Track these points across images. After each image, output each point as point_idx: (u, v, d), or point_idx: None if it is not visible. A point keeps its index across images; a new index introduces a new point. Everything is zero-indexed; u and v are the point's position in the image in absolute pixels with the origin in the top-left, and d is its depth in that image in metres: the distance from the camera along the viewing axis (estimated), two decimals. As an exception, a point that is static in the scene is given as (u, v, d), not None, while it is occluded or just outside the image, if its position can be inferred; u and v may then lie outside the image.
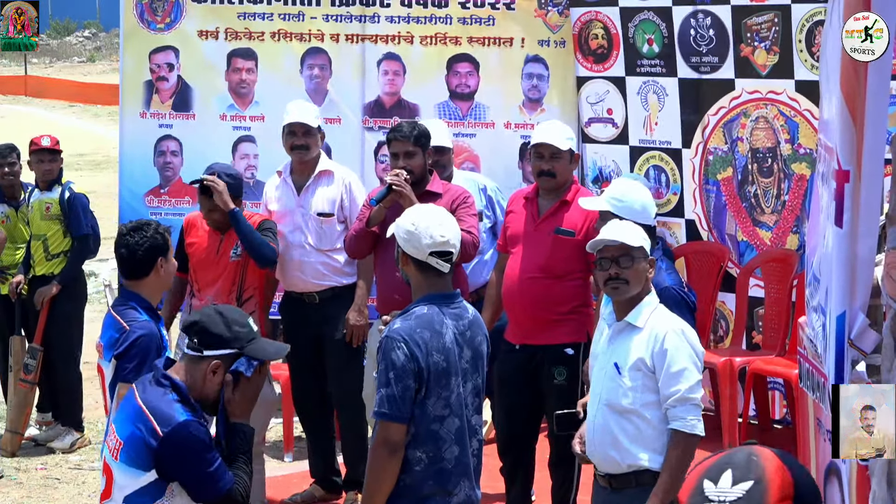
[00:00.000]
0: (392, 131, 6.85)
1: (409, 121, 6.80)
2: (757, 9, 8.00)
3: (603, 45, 8.81)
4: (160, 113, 9.21)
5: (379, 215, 6.67)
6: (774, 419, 8.34)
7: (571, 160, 6.85)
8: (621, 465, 4.88)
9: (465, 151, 9.01)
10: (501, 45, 9.01)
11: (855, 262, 4.34)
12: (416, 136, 6.75)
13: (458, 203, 6.64)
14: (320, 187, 7.40)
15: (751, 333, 8.35)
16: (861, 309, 4.37)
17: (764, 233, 8.24)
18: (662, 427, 4.83)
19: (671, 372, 4.80)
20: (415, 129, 6.78)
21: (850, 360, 4.39)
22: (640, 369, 4.83)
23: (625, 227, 5.00)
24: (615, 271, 4.87)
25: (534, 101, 9.01)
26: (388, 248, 6.00)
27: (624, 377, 4.84)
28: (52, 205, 8.95)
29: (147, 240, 5.35)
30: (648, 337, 4.83)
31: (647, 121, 8.72)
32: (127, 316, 5.29)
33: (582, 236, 6.63)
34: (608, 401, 4.87)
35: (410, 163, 6.73)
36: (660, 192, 8.71)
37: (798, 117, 7.94)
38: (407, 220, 4.69)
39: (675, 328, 4.86)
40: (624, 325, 4.91)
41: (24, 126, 24.61)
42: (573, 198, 6.71)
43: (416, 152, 6.76)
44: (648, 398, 4.83)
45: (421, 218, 4.68)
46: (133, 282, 5.39)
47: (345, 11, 9.08)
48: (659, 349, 4.81)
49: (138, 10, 9.19)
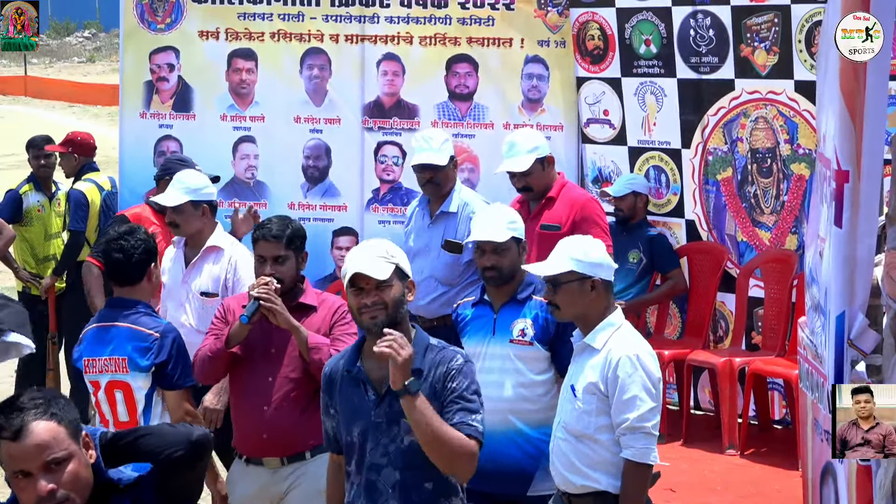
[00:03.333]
0: (259, 229, 5.51)
1: (281, 217, 5.53)
2: (757, 9, 8.01)
3: (599, 46, 8.81)
4: (160, 113, 9.22)
5: (241, 333, 5.38)
6: (774, 419, 8.34)
7: (544, 167, 6.90)
8: (576, 485, 4.78)
9: (465, 152, 9.02)
10: (501, 46, 9.01)
11: (854, 263, 4.34)
12: (288, 236, 5.44)
13: (337, 319, 5.48)
14: (207, 264, 6.48)
15: (750, 334, 8.35)
16: (861, 309, 4.37)
17: (763, 233, 8.25)
18: (617, 450, 4.71)
19: (622, 399, 4.67)
20: (287, 229, 5.45)
21: (850, 361, 4.39)
22: (593, 393, 4.72)
23: (552, 258, 4.88)
24: (548, 297, 4.89)
25: (533, 101, 9.01)
26: (250, 373, 5.39)
27: (578, 400, 4.74)
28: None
29: (141, 243, 5.29)
30: (603, 360, 4.72)
31: (646, 121, 8.72)
32: (146, 323, 5.23)
33: (567, 229, 6.67)
34: (565, 423, 4.80)
35: (280, 269, 5.42)
36: (660, 192, 8.72)
37: (797, 118, 7.94)
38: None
39: (629, 353, 4.72)
40: (584, 346, 4.83)
41: (23, 126, 24.62)
42: (558, 193, 6.80)
43: (288, 256, 5.44)
44: (602, 421, 4.71)
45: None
46: (127, 288, 5.29)
47: (344, 12, 9.09)
48: (612, 374, 4.69)
49: (138, 11, 9.20)
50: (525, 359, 5.28)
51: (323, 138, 9.17)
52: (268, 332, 5.37)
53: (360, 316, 4.19)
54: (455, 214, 6.83)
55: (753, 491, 7.33)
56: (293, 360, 5.35)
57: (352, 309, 4.23)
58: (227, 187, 9.13)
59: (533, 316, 5.30)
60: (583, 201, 6.93)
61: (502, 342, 5.32)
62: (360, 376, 4.26)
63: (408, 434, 4.15)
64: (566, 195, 6.90)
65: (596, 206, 6.99)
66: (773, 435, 8.18)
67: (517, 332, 5.30)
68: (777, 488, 7.28)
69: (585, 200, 6.95)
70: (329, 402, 4.38)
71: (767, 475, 7.53)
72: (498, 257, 5.34)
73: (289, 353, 5.36)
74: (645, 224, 8.59)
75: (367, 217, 9.15)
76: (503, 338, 5.32)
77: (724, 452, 7.88)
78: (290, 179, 9.19)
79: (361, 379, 4.26)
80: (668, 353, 8.27)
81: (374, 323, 4.15)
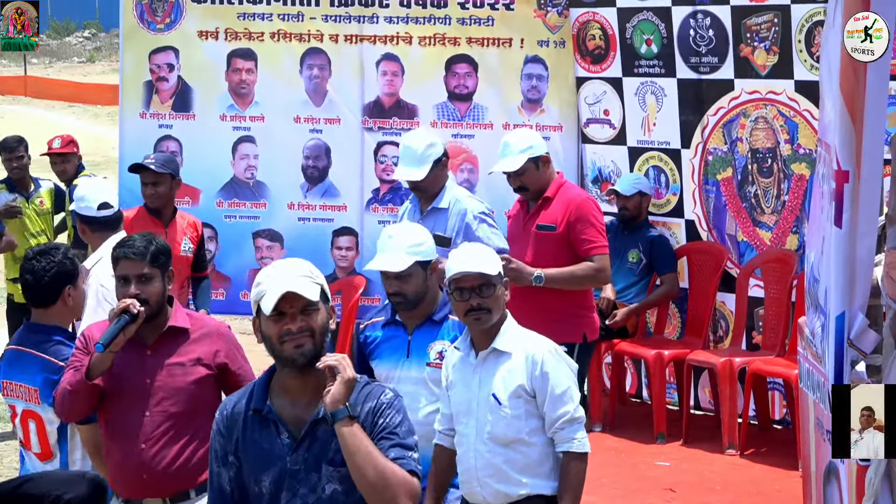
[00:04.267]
0: (119, 247, 4.93)
1: (144, 234, 4.97)
2: (756, 9, 8.00)
3: (600, 45, 8.81)
4: (160, 113, 9.22)
5: (103, 363, 4.76)
6: (774, 419, 8.34)
7: (539, 167, 6.85)
8: (511, 496, 4.65)
9: (464, 152, 9.03)
10: (500, 46, 9.01)
11: (854, 263, 4.34)
12: (152, 253, 4.86)
13: (232, 347, 5.02)
14: None
15: (751, 334, 8.35)
16: (860, 309, 4.37)
17: (764, 233, 8.25)
18: (547, 450, 4.63)
19: (556, 394, 4.59)
20: (151, 245, 4.88)
21: (850, 361, 4.38)
22: (520, 396, 4.61)
23: (480, 254, 4.73)
24: (477, 302, 4.65)
25: (533, 101, 9.02)
26: (123, 408, 4.80)
27: (504, 407, 4.61)
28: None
29: (54, 265, 5.03)
30: (525, 361, 4.62)
31: (646, 121, 8.72)
32: (58, 353, 4.97)
33: (563, 229, 6.67)
34: (492, 434, 4.63)
35: (146, 289, 4.83)
36: (659, 192, 8.72)
37: (797, 118, 7.94)
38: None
39: (549, 348, 4.67)
40: (490, 352, 4.68)
41: (23, 126, 24.61)
42: (555, 193, 6.77)
43: (153, 275, 4.85)
44: (533, 424, 4.62)
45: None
46: (41, 311, 5.07)
47: (344, 12, 9.09)
48: (539, 373, 4.60)
49: (138, 11, 9.20)
50: (440, 382, 4.99)
51: (323, 138, 9.18)
52: (140, 360, 4.81)
53: (281, 345, 3.58)
54: (446, 210, 6.85)
55: (753, 491, 7.33)
56: (172, 392, 4.78)
57: (268, 338, 3.61)
58: (226, 187, 9.13)
59: (451, 338, 5.01)
60: (578, 201, 6.85)
61: (418, 365, 5.03)
62: (271, 416, 3.65)
63: (330, 481, 3.60)
64: (563, 195, 6.86)
65: (591, 206, 6.91)
66: (773, 435, 8.18)
67: (434, 354, 5.02)
68: (777, 488, 7.28)
69: (581, 201, 6.88)
70: (227, 448, 3.72)
71: (767, 475, 7.53)
72: (401, 283, 5.00)
73: (166, 383, 4.78)
74: (646, 224, 8.61)
75: (367, 217, 9.16)
76: (419, 361, 5.03)
77: (724, 452, 7.88)
78: (289, 179, 9.19)
79: (273, 419, 3.65)
80: (668, 353, 8.28)
81: (301, 353, 3.58)
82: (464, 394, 4.73)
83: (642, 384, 8.99)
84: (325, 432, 3.59)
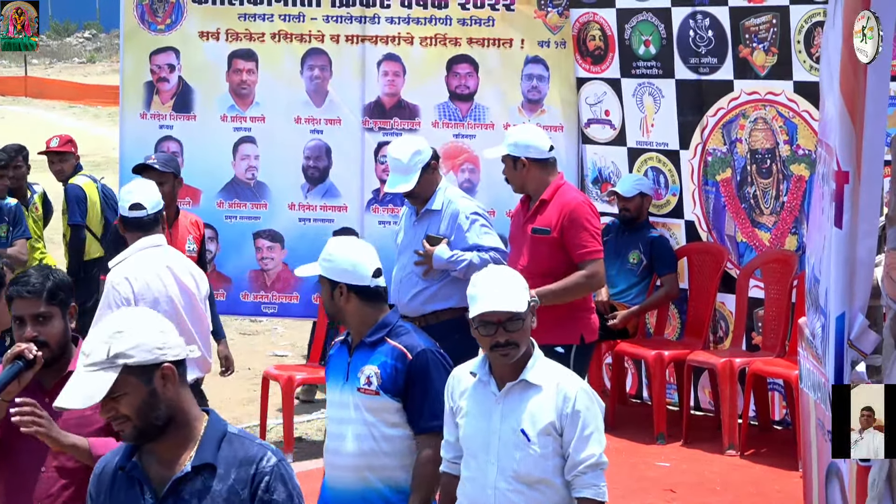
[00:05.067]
0: (12, 284, 4.47)
1: (42, 268, 4.52)
2: (755, 10, 8.01)
3: (600, 46, 8.82)
4: (161, 114, 9.23)
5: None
6: (774, 420, 8.35)
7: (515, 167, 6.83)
8: None
9: (465, 152, 9.04)
10: (501, 46, 9.02)
11: (854, 263, 4.34)
12: (49, 290, 4.39)
13: None
14: None
15: (750, 334, 8.36)
16: (861, 310, 4.38)
17: (763, 234, 8.25)
18: (565, 492, 4.32)
19: (584, 436, 4.28)
20: (47, 281, 4.41)
21: (850, 361, 4.39)
22: (549, 434, 4.29)
23: (509, 287, 4.35)
24: (504, 338, 4.30)
25: (533, 102, 9.02)
26: (16, 462, 4.34)
27: (534, 444, 4.29)
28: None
29: None
30: (556, 396, 4.30)
31: (644, 122, 8.73)
32: None
33: (557, 233, 6.65)
34: (517, 472, 4.31)
35: (44, 330, 4.36)
36: (659, 193, 8.73)
37: (797, 118, 7.94)
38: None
39: (583, 386, 4.36)
40: (517, 384, 4.35)
41: (23, 126, 24.63)
42: (552, 196, 6.74)
43: (52, 314, 4.38)
44: (556, 462, 4.31)
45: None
46: None
47: (345, 12, 9.10)
48: (571, 410, 4.28)
49: (139, 11, 9.20)
50: (374, 410, 4.78)
51: (323, 139, 9.18)
52: None
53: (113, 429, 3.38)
54: (439, 212, 6.85)
55: (753, 491, 7.33)
56: None
57: None
58: (227, 188, 9.14)
59: (381, 363, 4.77)
60: (572, 205, 6.74)
61: (352, 390, 4.82)
62: (135, 474, 3.35)
63: None
64: (559, 198, 6.76)
65: (585, 210, 6.79)
66: (773, 435, 8.19)
67: (364, 379, 4.80)
68: (777, 488, 7.29)
69: (575, 205, 6.76)
70: None
71: (767, 475, 7.53)
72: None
73: None
74: (647, 225, 8.61)
75: (368, 217, 9.16)
76: (353, 385, 4.83)
77: (724, 452, 7.89)
78: (290, 180, 9.20)
79: (137, 477, 3.35)
80: (668, 353, 8.28)
81: (126, 436, 3.32)
82: (481, 426, 4.39)
83: (642, 385, 9.00)
84: (190, 492, 3.29)
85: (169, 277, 5.95)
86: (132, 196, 6.20)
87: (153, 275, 5.87)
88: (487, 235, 6.82)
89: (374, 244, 9.55)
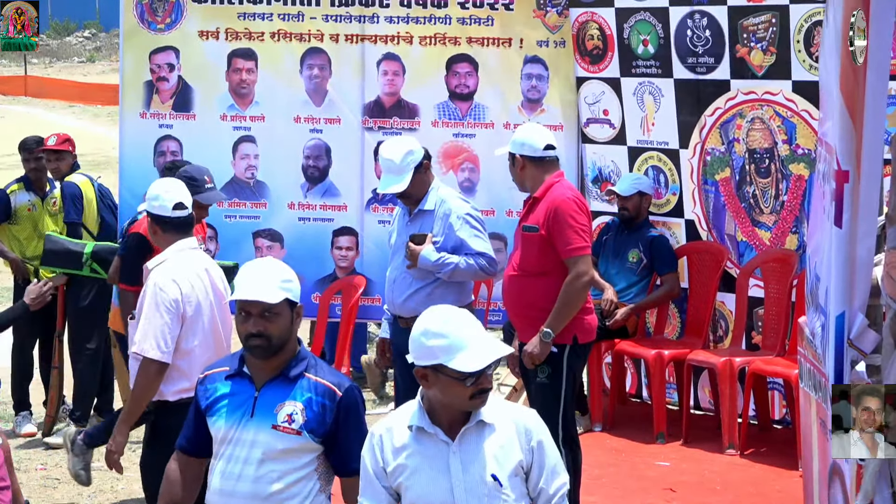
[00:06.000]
0: None
1: None
2: (754, 9, 8.01)
3: (598, 45, 8.82)
4: (160, 113, 9.23)
5: None
6: (774, 419, 8.35)
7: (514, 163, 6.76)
8: None
9: (465, 151, 9.04)
10: (500, 46, 9.02)
11: (854, 263, 4.34)
12: None
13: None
14: None
15: (750, 333, 8.36)
16: (860, 309, 4.37)
17: (763, 233, 8.25)
18: None
19: (551, 465, 3.99)
20: None
21: (850, 361, 4.39)
22: (518, 474, 3.95)
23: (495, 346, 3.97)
24: (483, 385, 3.92)
25: (533, 101, 9.02)
26: None
27: (506, 489, 3.91)
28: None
29: None
30: (517, 433, 3.96)
31: (644, 121, 8.73)
32: None
33: (544, 230, 6.59)
34: None
35: None
36: (659, 192, 8.73)
37: (795, 118, 7.94)
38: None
39: (533, 413, 4.07)
40: (470, 427, 3.95)
41: (24, 126, 24.61)
42: (543, 194, 6.69)
43: None
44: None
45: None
46: None
47: (344, 12, 9.10)
48: (536, 444, 3.96)
49: (138, 11, 9.20)
50: (287, 450, 4.33)
51: (323, 138, 9.18)
52: None
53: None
54: (432, 212, 6.84)
55: (753, 491, 7.33)
56: None
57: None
58: (227, 187, 9.12)
59: (305, 400, 4.34)
60: (558, 203, 6.61)
61: (263, 427, 4.34)
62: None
63: None
64: (548, 196, 6.67)
65: (570, 206, 6.62)
66: (773, 435, 8.19)
67: (283, 416, 4.33)
68: (777, 488, 7.29)
69: (560, 202, 6.62)
70: None
71: (767, 475, 7.53)
72: (267, 322, 4.31)
73: None
74: (647, 224, 8.61)
75: (367, 217, 9.16)
76: (264, 422, 4.34)
77: (724, 452, 7.89)
78: (290, 179, 9.20)
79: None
80: (668, 352, 8.28)
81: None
82: (440, 482, 3.94)
83: (642, 384, 9.00)
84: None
85: (207, 280, 5.94)
86: (173, 195, 6.01)
87: (195, 277, 5.87)
88: (477, 239, 6.77)
89: (374, 244, 9.62)
